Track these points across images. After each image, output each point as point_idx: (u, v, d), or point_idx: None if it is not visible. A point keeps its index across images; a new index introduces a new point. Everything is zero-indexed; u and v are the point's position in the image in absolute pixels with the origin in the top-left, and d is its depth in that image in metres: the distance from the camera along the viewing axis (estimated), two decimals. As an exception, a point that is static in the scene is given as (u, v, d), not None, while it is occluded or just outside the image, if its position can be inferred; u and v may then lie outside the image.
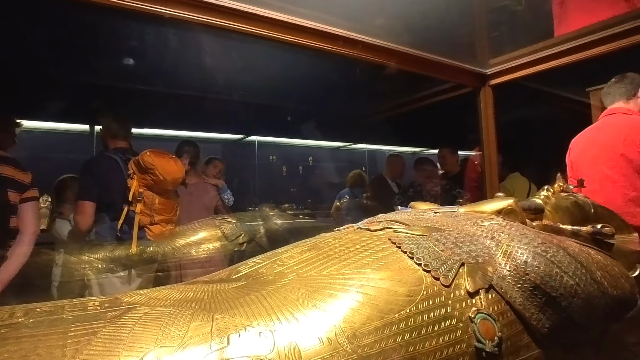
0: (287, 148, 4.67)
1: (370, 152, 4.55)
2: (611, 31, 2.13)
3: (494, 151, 2.65)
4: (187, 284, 0.96)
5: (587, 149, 2.32)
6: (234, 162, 3.97)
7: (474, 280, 0.86)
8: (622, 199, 2.11)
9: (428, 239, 0.96)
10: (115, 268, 1.79)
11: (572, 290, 0.88)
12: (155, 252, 1.84)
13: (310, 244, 1.03)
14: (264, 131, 4.23)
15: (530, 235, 0.97)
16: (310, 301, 0.79)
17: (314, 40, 2.11)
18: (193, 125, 3.78)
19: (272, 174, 4.40)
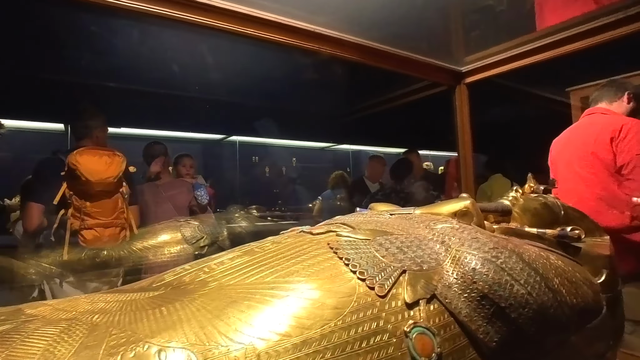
0: (271, 149, 4.58)
1: (354, 152, 4.47)
2: (581, 28, 2.08)
3: (469, 151, 2.58)
4: (105, 293, 0.88)
5: (564, 150, 2.28)
6: (214, 163, 3.89)
7: (414, 289, 0.78)
8: (592, 198, 2.07)
9: (370, 243, 0.88)
10: (64, 273, 1.69)
11: (523, 300, 0.80)
12: (109, 257, 1.74)
13: (246, 249, 0.95)
14: (246, 131, 4.14)
15: (482, 239, 0.89)
16: (224, 314, 0.71)
17: (284, 35, 2.03)
18: (171, 124, 3.69)
19: (255, 174, 4.32)
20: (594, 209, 2.06)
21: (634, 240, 2.03)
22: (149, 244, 1.84)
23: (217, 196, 3.59)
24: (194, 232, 1.88)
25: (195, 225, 1.92)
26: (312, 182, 4.17)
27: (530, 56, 2.29)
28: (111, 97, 3.36)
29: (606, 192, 2.04)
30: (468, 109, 2.61)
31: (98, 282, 1.93)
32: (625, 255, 2.03)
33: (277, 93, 3.50)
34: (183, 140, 3.96)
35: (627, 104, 2.19)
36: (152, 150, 2.77)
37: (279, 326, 0.68)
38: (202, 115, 3.56)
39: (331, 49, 2.10)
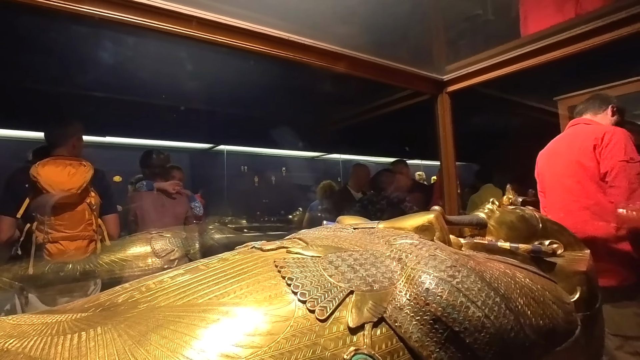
0: (259, 158, 4.53)
1: (345, 162, 4.42)
2: (563, 36, 2.05)
3: (452, 161, 2.53)
4: (37, 313, 0.82)
5: (549, 161, 2.24)
6: (202, 173, 3.84)
7: (360, 312, 0.72)
8: (578, 207, 2.03)
9: (320, 261, 0.82)
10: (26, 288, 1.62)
11: (479, 323, 0.74)
12: (73, 270, 1.67)
13: (191, 267, 0.89)
14: (234, 140, 4.10)
15: (441, 257, 0.83)
16: (146, 340, 0.65)
17: (263, 45, 2.01)
18: (158, 134, 3.65)
19: (243, 184, 4.26)
20: (580, 219, 2.01)
21: (620, 250, 1.97)
22: (117, 258, 1.78)
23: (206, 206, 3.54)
24: (164, 245, 1.82)
25: (167, 237, 1.86)
26: (301, 192, 4.11)
27: (513, 64, 2.26)
28: (96, 106, 3.33)
29: (592, 201, 2.00)
30: (450, 118, 2.57)
31: (69, 296, 1.86)
32: (613, 267, 1.97)
33: (265, 102, 3.47)
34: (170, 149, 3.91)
35: (611, 116, 2.18)
36: (159, 161, 2.75)
37: (201, 355, 0.62)
38: (188, 125, 3.52)
39: (311, 59, 2.07)
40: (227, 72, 3.02)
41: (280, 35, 2.01)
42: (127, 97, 3.24)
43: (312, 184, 4.03)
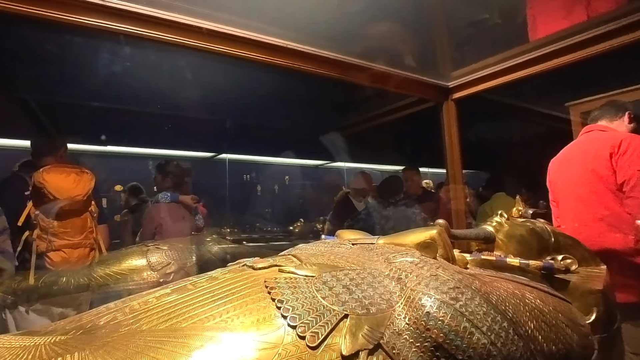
0: (262, 167, 4.51)
1: (350, 170, 4.38)
2: (571, 41, 2.00)
3: (459, 169, 2.48)
4: (16, 335, 0.79)
5: (562, 169, 2.17)
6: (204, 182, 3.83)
7: (355, 338, 0.68)
8: (593, 219, 1.96)
9: (313, 281, 0.78)
10: (18, 302, 1.60)
11: (485, 350, 0.70)
12: (67, 284, 1.65)
13: (179, 286, 0.86)
14: (236, 149, 4.09)
15: (443, 276, 0.79)
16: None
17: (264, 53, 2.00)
18: (159, 142, 3.65)
19: (245, 193, 4.23)
20: (595, 231, 1.95)
21: (639, 264, 1.89)
22: (112, 271, 1.75)
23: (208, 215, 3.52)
24: (160, 258, 1.79)
25: (163, 250, 1.83)
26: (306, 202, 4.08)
27: (522, 69, 2.21)
28: (99, 116, 3.34)
29: (608, 211, 1.93)
30: (456, 126, 2.52)
31: (63, 309, 1.84)
32: (631, 281, 1.90)
33: (267, 110, 3.46)
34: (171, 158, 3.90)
35: (627, 123, 2.11)
36: (181, 172, 2.77)
37: (181, 386, 0.59)
38: (190, 133, 3.52)
39: (312, 67, 2.05)
40: (229, 80, 3.01)
41: (279, 43, 2.00)
42: (127, 106, 3.25)
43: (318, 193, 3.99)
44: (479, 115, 2.78)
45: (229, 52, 1.98)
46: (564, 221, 2.14)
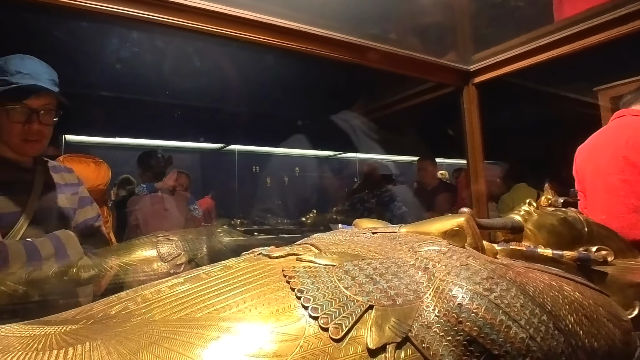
0: (272, 158, 4.50)
1: (361, 161, 4.35)
2: (599, 20, 1.93)
3: (480, 158, 2.42)
4: (26, 324, 0.78)
5: (591, 157, 2.11)
6: (212, 173, 3.82)
7: (381, 330, 0.64)
8: (624, 208, 1.90)
9: (334, 270, 0.75)
10: (30, 293, 1.60)
11: (523, 345, 0.66)
12: (77, 275, 1.64)
13: (192, 275, 0.84)
14: (245, 140, 4.07)
15: (474, 266, 0.75)
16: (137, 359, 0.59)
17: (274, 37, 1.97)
18: (167, 134, 3.65)
19: (255, 185, 4.23)
20: (627, 222, 1.89)
21: None
22: (122, 262, 1.74)
23: (216, 207, 3.52)
24: (170, 249, 1.78)
25: (173, 240, 1.82)
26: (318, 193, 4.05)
27: (547, 51, 2.13)
28: (105, 106, 3.34)
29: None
30: (478, 112, 2.45)
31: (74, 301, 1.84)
32: None
33: (277, 100, 3.43)
34: (178, 150, 3.91)
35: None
36: (160, 164, 2.76)
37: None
38: (198, 124, 3.51)
39: (324, 50, 2.01)
40: (238, 69, 2.99)
41: (290, 25, 1.97)
42: (131, 95, 3.24)
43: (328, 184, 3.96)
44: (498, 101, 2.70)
45: (237, 35, 1.95)
46: (592, 212, 2.08)
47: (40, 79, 1.52)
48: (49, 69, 1.59)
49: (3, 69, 1.50)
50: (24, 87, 1.46)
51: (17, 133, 1.53)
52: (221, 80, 3.22)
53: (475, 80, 2.58)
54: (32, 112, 1.52)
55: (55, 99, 1.56)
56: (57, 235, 1.59)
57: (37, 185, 1.62)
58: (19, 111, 1.50)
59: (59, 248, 1.58)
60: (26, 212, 1.56)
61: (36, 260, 1.52)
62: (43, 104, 1.54)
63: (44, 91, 1.51)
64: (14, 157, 1.60)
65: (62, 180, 1.76)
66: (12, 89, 1.45)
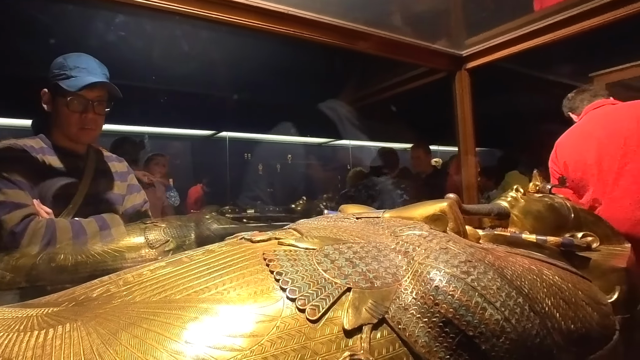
0: (263, 145, 4.50)
1: (355, 148, 4.36)
2: (599, 2, 1.90)
3: (472, 145, 2.43)
4: (7, 307, 0.80)
5: (584, 147, 2.12)
6: (203, 160, 3.83)
7: (358, 312, 0.67)
8: None
9: (314, 254, 0.77)
10: (17, 280, 1.62)
11: (498, 327, 0.68)
12: (64, 261, 1.66)
13: (174, 259, 0.86)
14: (237, 127, 4.06)
15: (453, 250, 0.78)
16: (115, 340, 0.62)
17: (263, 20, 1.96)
18: (158, 120, 3.63)
19: (246, 172, 4.23)
20: None
21: None
22: (109, 248, 1.76)
23: (207, 195, 3.53)
24: (158, 235, 1.79)
25: (161, 227, 1.83)
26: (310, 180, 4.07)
27: (542, 35, 2.12)
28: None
29: None
30: (470, 98, 2.45)
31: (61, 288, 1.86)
32: None
33: (269, 85, 3.42)
34: (169, 136, 3.90)
35: None
36: (135, 149, 2.76)
37: (175, 357, 0.58)
38: (188, 110, 3.50)
39: (313, 34, 2.00)
40: (229, 54, 2.97)
41: (280, 9, 1.95)
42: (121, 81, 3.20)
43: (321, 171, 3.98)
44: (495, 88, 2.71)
45: (227, 20, 1.94)
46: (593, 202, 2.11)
47: (95, 73, 1.73)
48: (100, 64, 1.79)
49: (63, 65, 1.70)
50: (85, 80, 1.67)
51: (75, 122, 1.73)
52: (212, 66, 3.20)
53: (467, 65, 2.58)
54: (88, 102, 1.72)
55: (107, 91, 1.77)
56: (104, 216, 1.78)
57: (88, 171, 1.82)
58: (77, 102, 1.70)
59: (103, 228, 1.77)
60: (77, 196, 1.75)
61: (81, 236, 1.71)
62: (97, 96, 1.74)
63: (101, 84, 1.71)
64: (69, 145, 1.79)
65: (112, 169, 1.95)
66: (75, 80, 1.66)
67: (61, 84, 1.68)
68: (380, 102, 3.35)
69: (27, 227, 1.60)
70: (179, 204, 2.61)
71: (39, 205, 1.69)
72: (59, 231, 1.65)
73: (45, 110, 1.80)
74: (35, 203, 1.68)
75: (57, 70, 1.71)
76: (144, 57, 2.81)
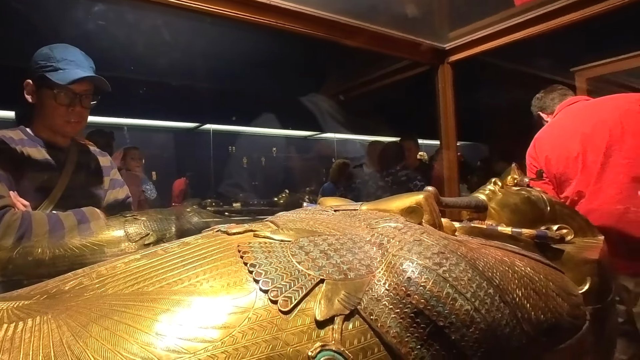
0: (248, 138, 4.48)
1: (340, 141, 4.37)
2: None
3: (454, 139, 2.46)
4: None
5: (566, 141, 2.16)
6: (187, 153, 3.80)
7: (330, 303, 0.68)
8: (627, 180, 1.98)
9: (289, 246, 0.78)
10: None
11: (468, 317, 0.70)
12: (42, 255, 1.64)
13: (149, 252, 0.86)
14: (221, 119, 4.04)
15: (427, 242, 0.79)
16: (85, 332, 0.62)
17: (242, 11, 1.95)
18: (140, 112, 3.58)
19: (231, 165, 4.22)
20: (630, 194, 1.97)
21: None
22: (88, 242, 1.74)
23: (190, 188, 3.52)
24: (138, 229, 1.78)
25: (142, 220, 1.82)
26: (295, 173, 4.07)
27: (525, 29, 2.13)
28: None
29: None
30: (452, 92, 2.48)
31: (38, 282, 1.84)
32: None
33: (253, 77, 3.40)
34: (151, 129, 3.86)
35: None
36: (103, 140, 2.75)
37: (145, 349, 0.59)
38: (172, 102, 3.46)
39: (298, 26, 1.99)
40: (212, 44, 2.94)
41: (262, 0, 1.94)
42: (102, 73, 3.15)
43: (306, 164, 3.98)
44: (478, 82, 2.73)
45: (209, 10, 1.93)
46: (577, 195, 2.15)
47: (83, 66, 1.72)
48: (87, 57, 1.78)
49: (50, 56, 1.68)
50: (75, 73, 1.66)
51: (61, 114, 1.72)
52: (195, 57, 3.17)
53: (450, 58, 2.59)
54: (75, 96, 1.71)
55: (94, 84, 1.77)
56: (83, 210, 1.75)
57: (69, 164, 1.81)
58: (65, 95, 1.69)
59: (82, 221, 1.75)
60: (57, 189, 1.75)
61: (58, 230, 1.69)
62: (85, 89, 1.74)
63: (90, 78, 1.71)
64: (51, 137, 1.78)
65: (94, 162, 1.95)
66: (64, 73, 1.65)
67: (49, 76, 1.65)
68: (363, 95, 3.35)
69: (1, 219, 1.58)
70: (155, 197, 2.60)
71: (15, 197, 1.67)
72: (35, 224, 1.63)
73: (28, 102, 1.77)
74: (12, 195, 1.66)
75: (42, 61, 1.69)
76: (123, 47, 2.77)
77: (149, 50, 2.81)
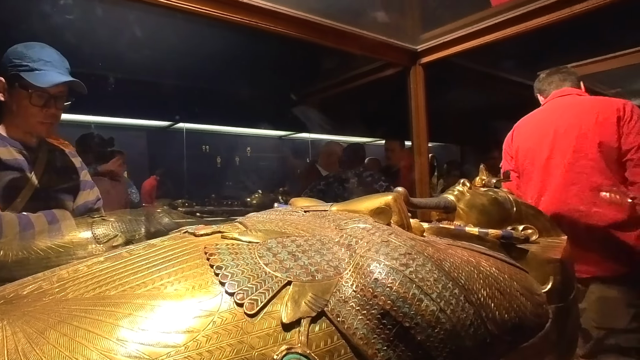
0: (222, 137, 4.43)
1: (315, 141, 4.38)
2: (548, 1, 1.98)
3: (425, 140, 2.50)
4: None
5: (539, 134, 2.19)
6: (159, 152, 3.72)
7: (297, 305, 0.68)
8: (586, 186, 2.01)
9: (256, 247, 0.77)
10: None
11: (433, 318, 0.71)
12: (4, 258, 1.58)
13: (113, 254, 0.83)
14: (194, 118, 3.97)
15: (394, 243, 0.80)
16: (42, 339, 0.61)
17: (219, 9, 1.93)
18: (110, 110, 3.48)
19: (204, 165, 4.16)
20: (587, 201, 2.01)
21: (619, 239, 1.96)
22: (54, 244, 1.68)
23: (162, 188, 3.45)
24: (106, 230, 1.73)
25: (110, 221, 1.76)
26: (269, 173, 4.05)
27: (496, 31, 2.18)
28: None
29: (609, 181, 1.97)
30: (424, 93, 2.52)
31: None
32: (607, 256, 1.98)
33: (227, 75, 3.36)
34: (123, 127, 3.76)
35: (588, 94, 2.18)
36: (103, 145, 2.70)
37: (106, 355, 0.57)
38: (143, 100, 3.38)
39: (270, 24, 1.98)
40: (185, 42, 2.90)
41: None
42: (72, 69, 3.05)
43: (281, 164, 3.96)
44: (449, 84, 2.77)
45: (184, 7, 1.90)
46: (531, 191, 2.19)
47: (60, 67, 1.69)
48: (62, 57, 1.74)
49: (25, 55, 1.64)
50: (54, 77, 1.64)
51: (35, 115, 1.69)
52: (168, 55, 3.11)
53: (422, 60, 2.62)
54: (50, 97, 1.68)
55: (69, 86, 1.73)
56: (53, 212, 1.73)
57: (39, 165, 1.77)
58: (40, 96, 1.65)
59: (53, 223, 1.72)
60: (26, 189, 1.71)
61: (28, 231, 1.66)
62: (60, 91, 1.71)
63: (67, 80, 1.67)
64: (22, 137, 1.74)
65: (64, 163, 1.90)
66: (41, 74, 1.62)
67: (24, 76, 1.61)
68: (338, 96, 3.36)
69: None
70: (138, 200, 2.55)
71: None
72: (5, 225, 1.60)
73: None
74: None
75: (17, 60, 1.64)
76: (91, 43, 2.69)
77: (119, 46, 2.74)
